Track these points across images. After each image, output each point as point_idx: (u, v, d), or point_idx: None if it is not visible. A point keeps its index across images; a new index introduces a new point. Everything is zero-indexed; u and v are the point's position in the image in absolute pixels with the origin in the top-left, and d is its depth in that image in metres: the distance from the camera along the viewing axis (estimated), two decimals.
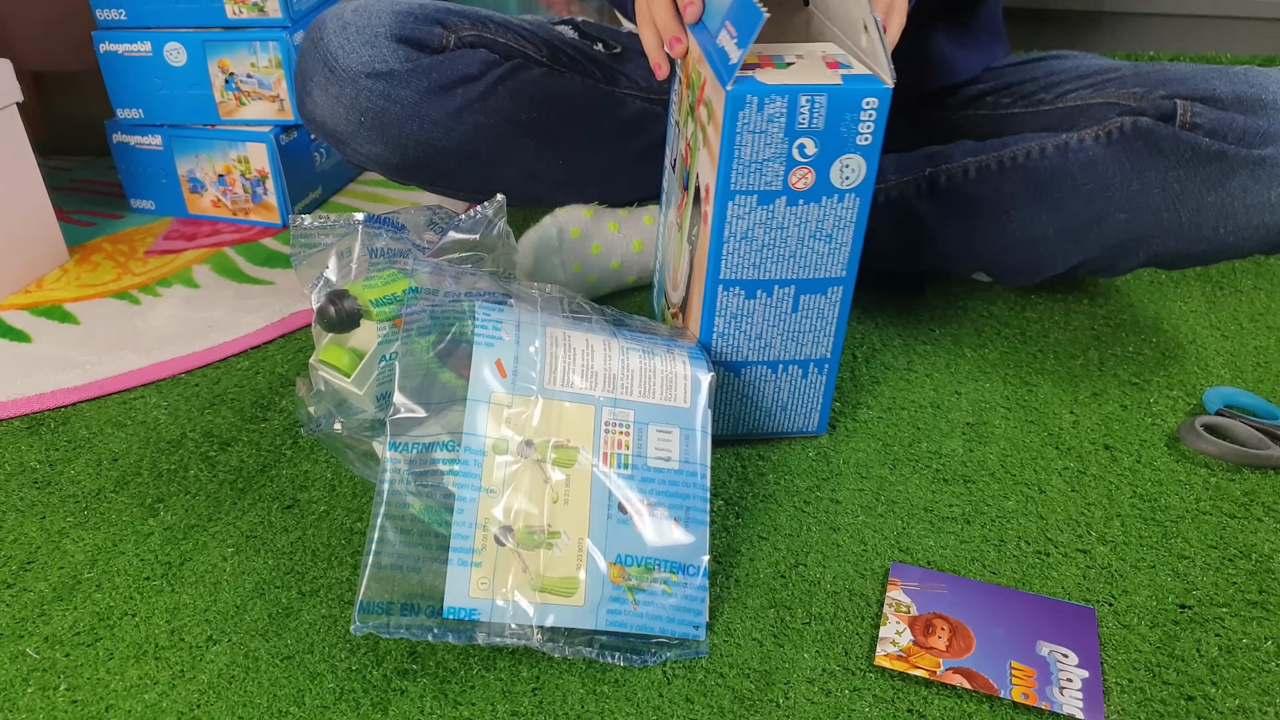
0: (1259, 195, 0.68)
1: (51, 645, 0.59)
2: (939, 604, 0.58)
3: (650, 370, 0.60)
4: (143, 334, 0.91)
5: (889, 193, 0.85)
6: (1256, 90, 0.69)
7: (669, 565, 0.55)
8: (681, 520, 0.56)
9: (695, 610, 0.56)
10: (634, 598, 0.54)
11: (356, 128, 0.82)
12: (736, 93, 0.57)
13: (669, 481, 0.57)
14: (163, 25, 1.06)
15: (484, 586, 0.53)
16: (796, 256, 0.64)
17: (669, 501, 0.56)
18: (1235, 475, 0.68)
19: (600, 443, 0.57)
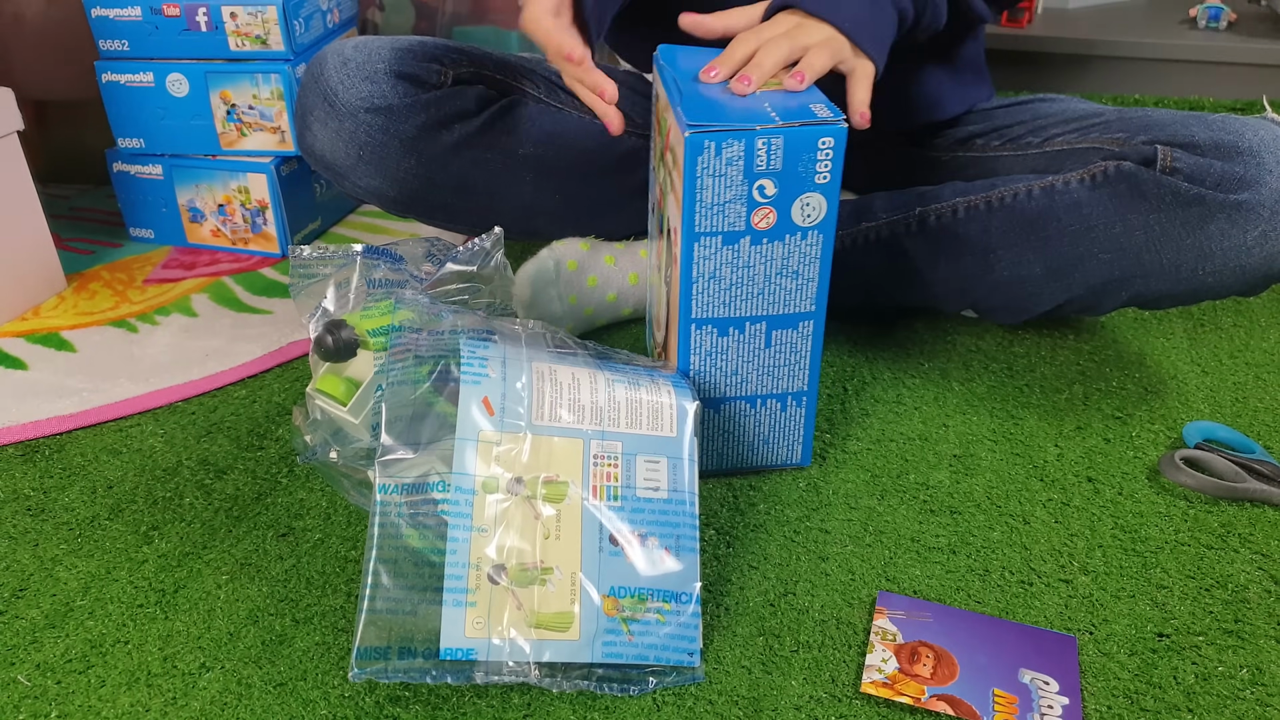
0: (1236, 238, 0.70)
1: (43, 672, 0.59)
2: (925, 632, 0.59)
3: (636, 401, 0.60)
4: (140, 362, 0.92)
5: (879, 230, 0.87)
6: (1233, 138, 0.71)
7: (661, 594, 0.56)
8: (672, 549, 0.57)
9: (689, 638, 0.56)
10: (628, 628, 0.55)
11: (355, 161, 0.84)
12: (694, 139, 0.59)
13: (658, 511, 0.58)
14: (165, 56, 1.08)
15: (479, 626, 0.54)
16: (765, 294, 0.66)
17: (659, 531, 0.57)
18: (1213, 507, 0.70)
19: (589, 476, 0.57)
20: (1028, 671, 0.56)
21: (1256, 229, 0.70)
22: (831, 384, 0.85)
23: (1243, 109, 1.33)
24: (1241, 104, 1.34)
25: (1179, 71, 1.38)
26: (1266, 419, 0.79)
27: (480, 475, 0.56)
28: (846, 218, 0.90)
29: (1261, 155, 0.70)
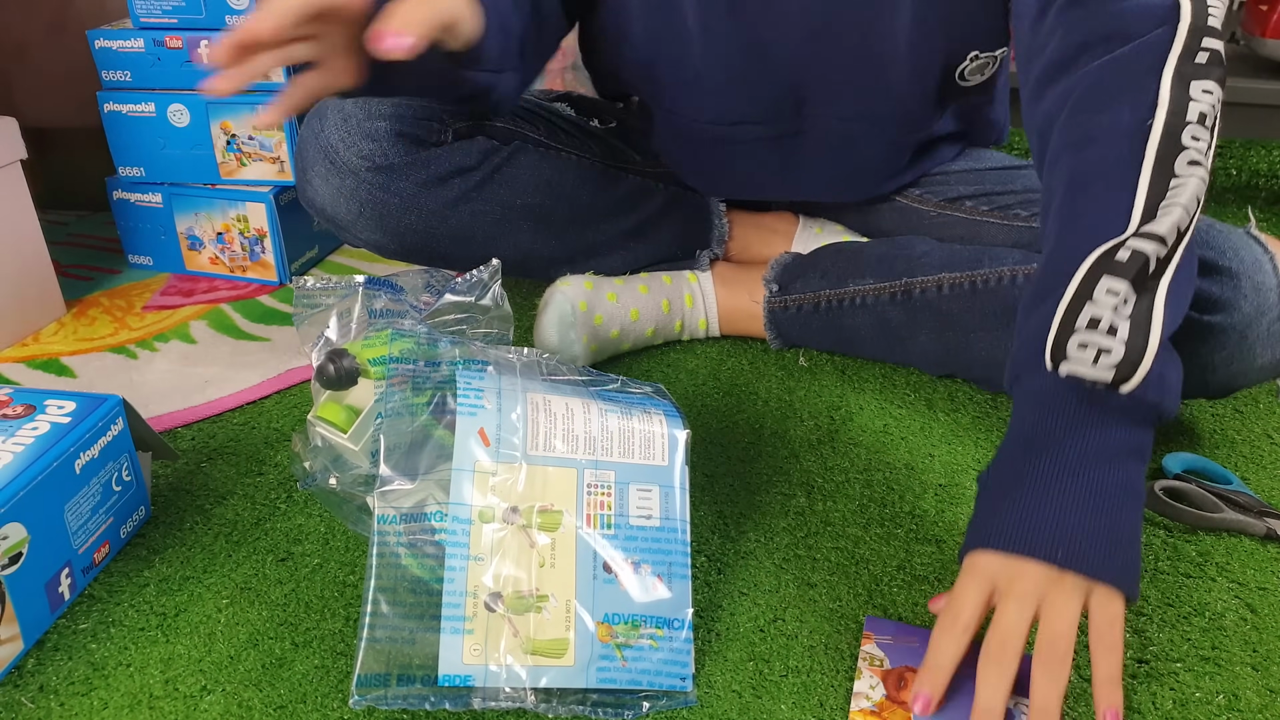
0: (1204, 358, 0.72)
1: (46, 695, 0.60)
2: (911, 658, 0.60)
3: (629, 430, 0.62)
4: (139, 388, 0.93)
5: (865, 296, 0.89)
6: (1215, 256, 0.71)
7: (654, 620, 0.57)
8: (665, 576, 0.58)
9: (682, 663, 0.58)
10: (622, 654, 0.56)
11: (356, 217, 0.86)
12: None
13: (651, 539, 0.59)
14: (167, 87, 1.10)
15: (477, 653, 0.55)
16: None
17: (652, 559, 0.58)
18: (1191, 537, 0.72)
19: (583, 504, 0.59)
20: (1012, 696, 0.58)
21: (1224, 350, 0.71)
22: (818, 414, 0.87)
23: (1221, 148, 1.37)
24: (1220, 142, 1.37)
25: None
26: (1244, 450, 0.81)
27: (477, 505, 0.57)
28: (834, 276, 0.92)
29: (1239, 279, 0.71)
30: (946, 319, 0.85)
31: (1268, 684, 0.59)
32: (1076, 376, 0.54)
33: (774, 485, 0.78)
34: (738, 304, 0.97)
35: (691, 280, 0.98)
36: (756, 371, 0.94)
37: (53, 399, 0.70)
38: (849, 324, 0.91)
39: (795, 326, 0.94)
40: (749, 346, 0.98)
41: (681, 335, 0.99)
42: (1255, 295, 0.71)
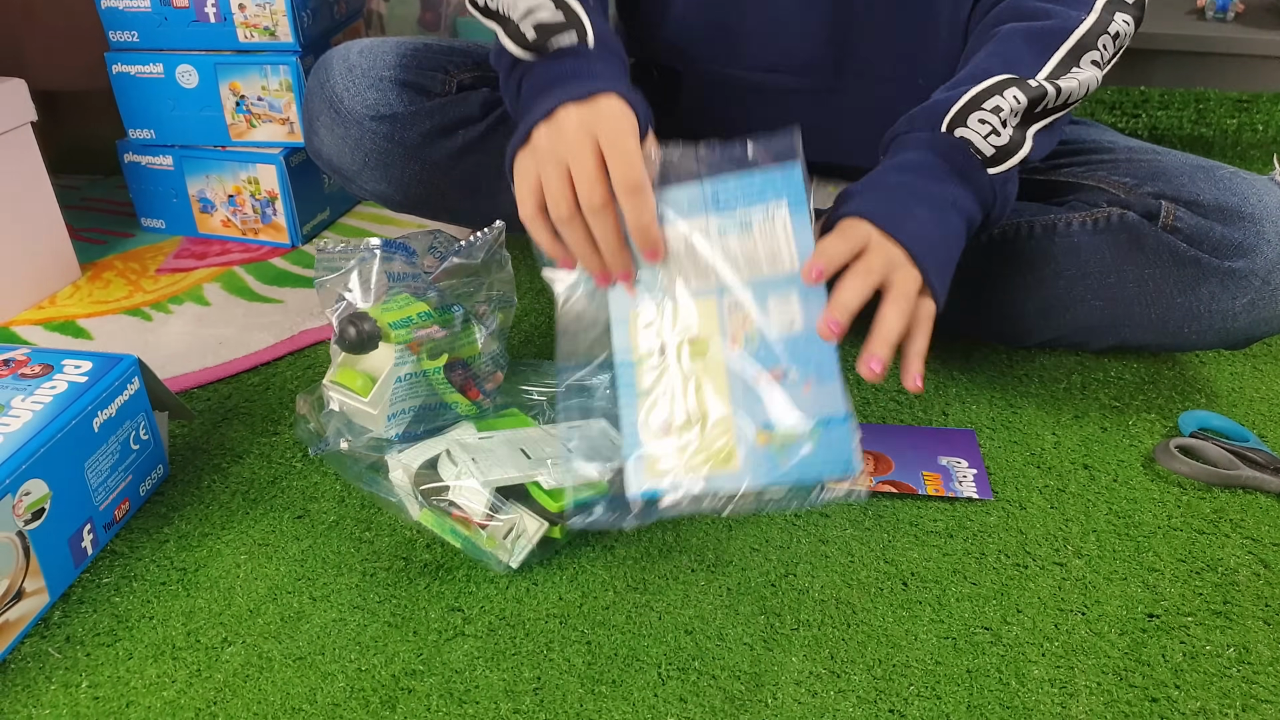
0: (1225, 303, 0.72)
1: (73, 645, 0.61)
2: (864, 445, 0.72)
3: (752, 247, 0.61)
4: (155, 350, 0.94)
5: None
6: (1238, 201, 0.72)
7: (805, 418, 0.58)
8: (814, 380, 0.59)
9: (843, 453, 0.58)
10: (783, 456, 0.57)
11: (361, 167, 0.86)
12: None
13: (795, 346, 0.59)
14: (175, 48, 1.10)
15: (657, 472, 0.60)
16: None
17: (799, 365, 0.59)
18: (1206, 494, 0.71)
19: (726, 328, 0.61)
20: (944, 457, 0.74)
21: (1246, 297, 0.72)
22: None
23: (1247, 102, 1.34)
24: (1246, 96, 1.35)
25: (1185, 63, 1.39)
26: (1262, 409, 0.81)
27: (634, 350, 0.63)
28: None
29: (1262, 224, 0.71)
30: (961, 271, 0.84)
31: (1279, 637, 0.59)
32: (966, 140, 0.67)
33: None
34: None
35: None
36: None
37: (70, 359, 0.71)
38: None
39: None
40: None
41: None
42: (1278, 241, 0.71)
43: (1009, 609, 0.62)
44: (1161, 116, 1.36)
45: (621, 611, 0.63)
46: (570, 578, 0.65)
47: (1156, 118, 1.36)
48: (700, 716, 0.55)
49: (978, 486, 0.72)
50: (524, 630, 0.61)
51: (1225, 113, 1.34)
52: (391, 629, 0.62)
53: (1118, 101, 1.38)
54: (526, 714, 0.56)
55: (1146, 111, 1.37)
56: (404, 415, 0.71)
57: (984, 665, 0.58)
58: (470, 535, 0.65)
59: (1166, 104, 1.37)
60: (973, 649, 0.59)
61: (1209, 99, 1.36)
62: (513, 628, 0.62)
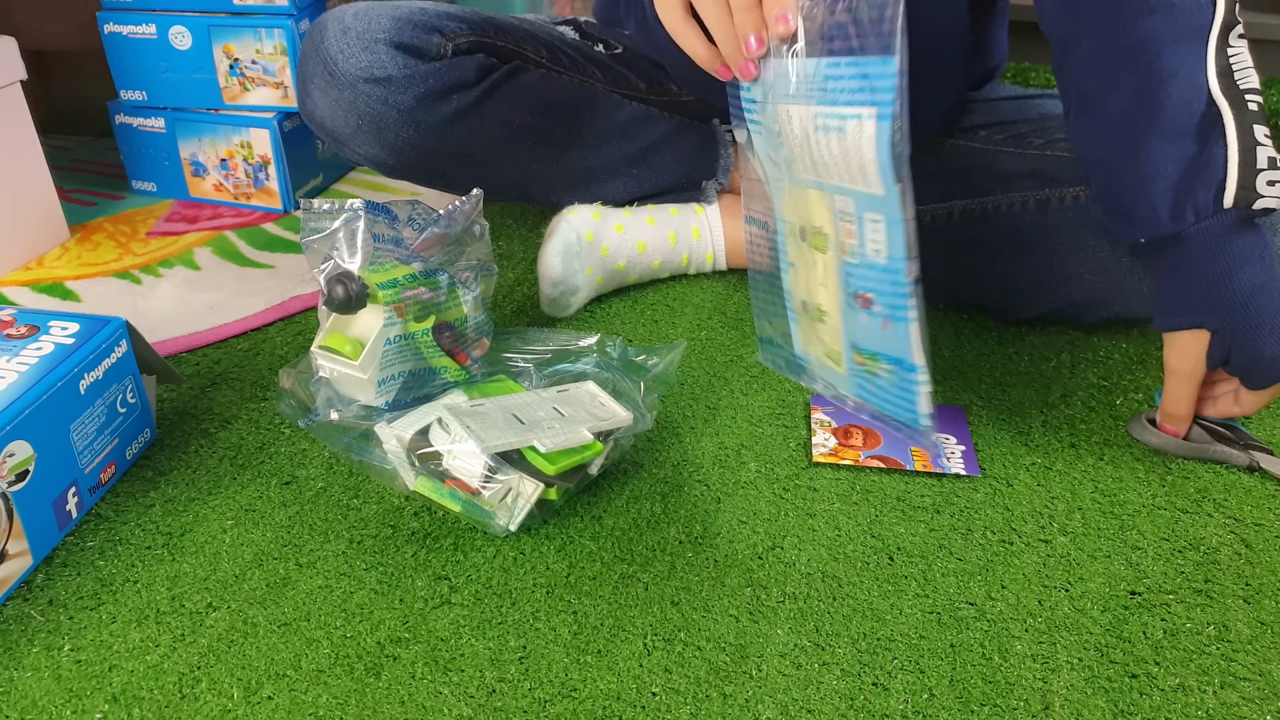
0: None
1: (55, 608, 0.61)
2: (851, 419, 0.76)
3: (847, 154, 0.57)
4: (144, 313, 0.93)
5: None
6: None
7: (886, 357, 0.58)
8: (890, 319, 0.58)
9: (910, 401, 0.57)
10: (871, 378, 0.58)
11: (355, 130, 0.85)
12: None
13: (881, 276, 0.58)
14: (168, 8, 1.08)
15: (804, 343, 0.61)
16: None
17: (881, 298, 0.58)
18: (1189, 474, 0.72)
19: (837, 232, 0.60)
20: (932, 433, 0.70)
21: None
22: None
23: None
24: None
25: None
26: None
27: (787, 220, 0.63)
28: None
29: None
30: (957, 247, 0.84)
31: (1259, 616, 0.60)
32: (1268, 209, 0.62)
33: (776, 418, 0.78)
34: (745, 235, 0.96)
35: (699, 213, 0.97)
36: None
37: (57, 320, 0.70)
38: None
39: None
40: None
41: (688, 268, 0.98)
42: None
43: (993, 585, 0.62)
44: None
45: (608, 582, 0.63)
46: (558, 548, 0.66)
47: None
48: (685, 687, 0.56)
49: (965, 463, 0.72)
50: (510, 599, 0.62)
51: None
52: (377, 596, 0.62)
53: None
54: (512, 683, 0.56)
55: None
56: (393, 381, 0.71)
57: (967, 640, 0.58)
58: (471, 498, 0.65)
59: None
60: (957, 624, 0.59)
61: None
62: (499, 597, 0.62)
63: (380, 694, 0.56)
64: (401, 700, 0.55)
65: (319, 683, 0.56)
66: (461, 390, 0.73)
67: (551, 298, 0.88)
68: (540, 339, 0.82)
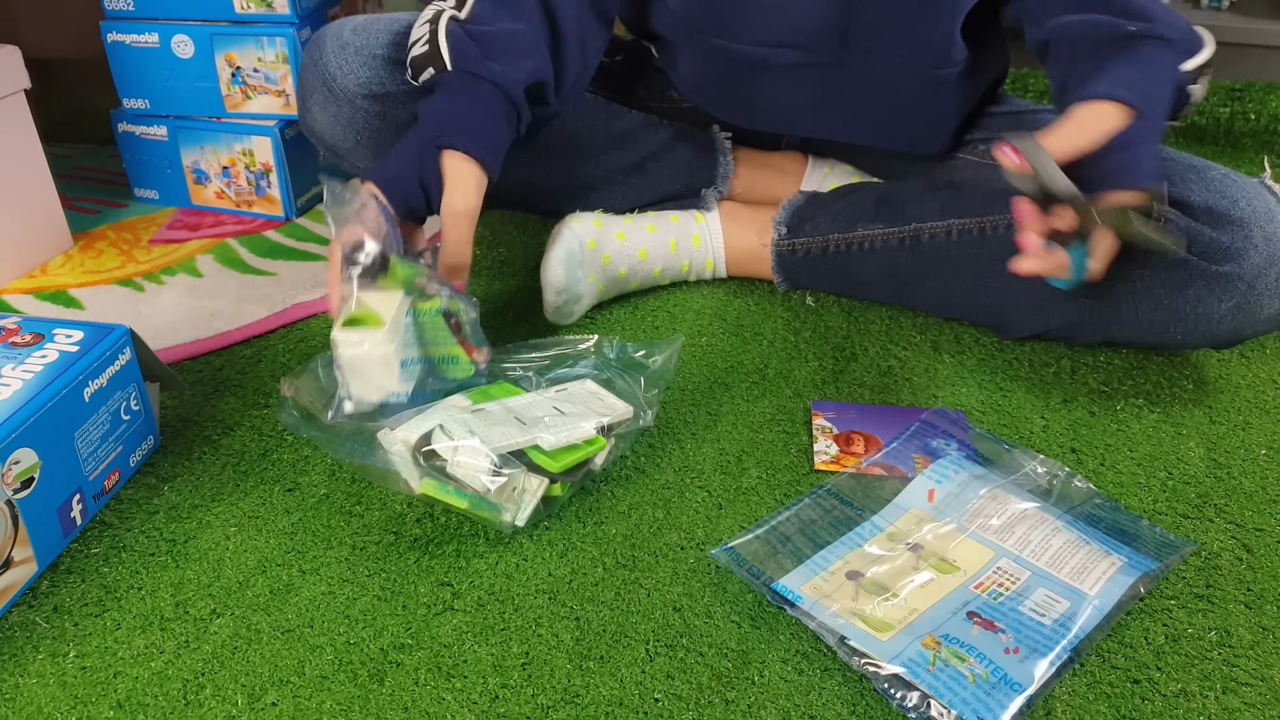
0: (1211, 306, 0.73)
1: (60, 615, 0.62)
2: (853, 425, 0.77)
3: (1071, 554, 0.62)
4: (147, 320, 0.93)
5: (873, 242, 0.89)
6: (1227, 204, 0.73)
7: (988, 662, 0.56)
8: (1023, 648, 0.57)
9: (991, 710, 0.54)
10: (934, 665, 0.56)
11: (354, 144, 0.85)
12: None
13: (1031, 628, 0.58)
14: (171, 17, 1.09)
15: (815, 591, 0.61)
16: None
17: (1020, 637, 0.57)
18: (1190, 480, 0.72)
19: (984, 575, 0.62)
20: (933, 439, 0.74)
21: (1231, 300, 0.72)
22: (824, 354, 0.87)
23: (1240, 90, 1.34)
24: (1239, 84, 1.35)
25: None
26: (1248, 395, 0.81)
27: (893, 528, 0.66)
28: (843, 220, 0.91)
29: (1250, 228, 0.72)
30: (954, 265, 0.85)
31: (1260, 621, 0.60)
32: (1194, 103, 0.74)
33: (777, 424, 0.78)
34: (745, 245, 0.97)
35: (699, 220, 0.97)
36: (763, 312, 0.94)
37: (61, 328, 0.70)
38: (856, 269, 0.91)
39: (803, 269, 0.94)
40: (755, 287, 0.98)
41: (688, 275, 0.99)
42: (1266, 245, 0.71)
43: None
44: None
45: (610, 588, 0.63)
46: (560, 554, 0.66)
47: None
48: (687, 693, 0.56)
49: None
50: (513, 605, 0.62)
51: (1218, 101, 1.34)
52: (380, 602, 0.62)
53: None
54: (514, 689, 0.56)
55: None
56: (413, 366, 0.70)
57: None
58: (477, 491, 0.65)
59: None
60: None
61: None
62: (502, 603, 0.62)
63: (383, 700, 0.56)
64: (405, 707, 0.55)
65: (322, 689, 0.56)
66: (463, 395, 0.73)
67: (555, 305, 0.89)
68: (537, 346, 0.82)
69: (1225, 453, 0.75)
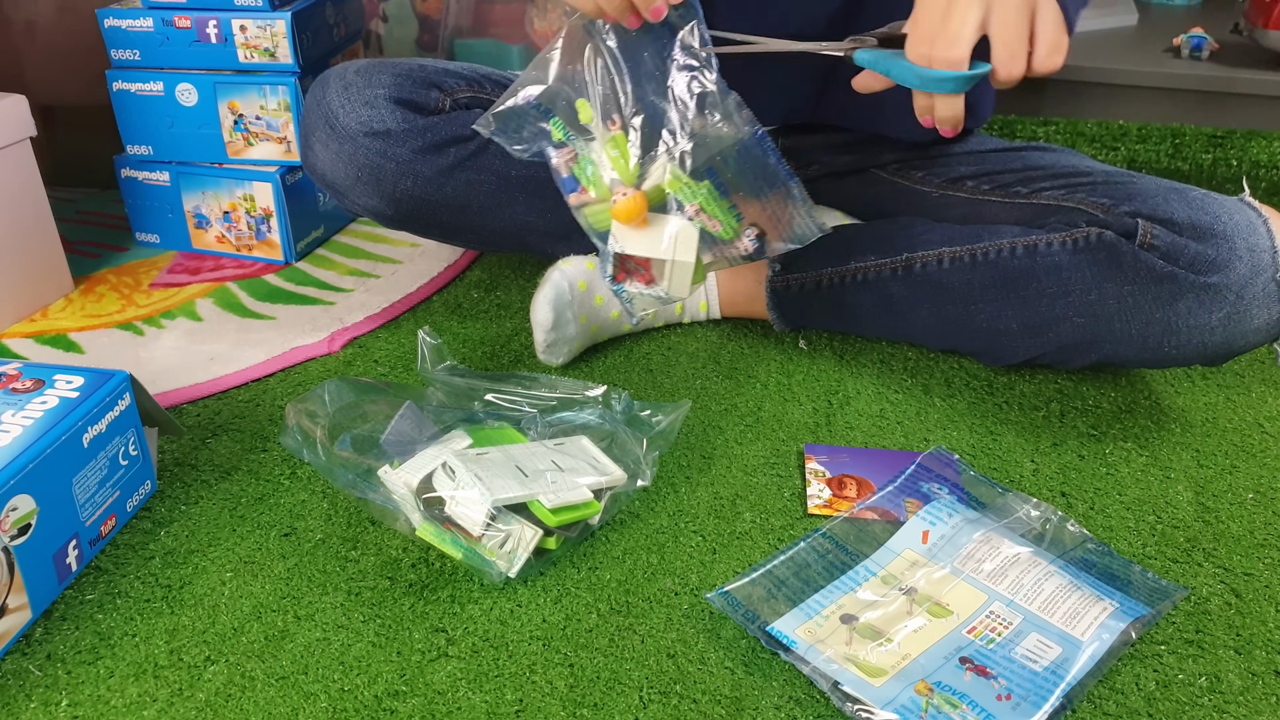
0: (1202, 318, 0.74)
1: (53, 663, 0.62)
2: (845, 469, 0.78)
3: (1063, 597, 0.63)
4: (146, 364, 0.94)
5: (867, 273, 0.90)
6: (1210, 220, 0.75)
7: (980, 709, 0.56)
8: (1015, 695, 0.57)
9: None
10: (927, 711, 0.56)
11: (354, 181, 0.87)
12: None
13: (1023, 675, 0.58)
14: (176, 67, 1.11)
15: (810, 635, 0.61)
16: None
17: (1012, 684, 0.58)
18: (1179, 524, 0.73)
19: (976, 619, 0.62)
20: (925, 483, 0.75)
21: (1221, 311, 0.74)
22: (817, 398, 0.88)
23: (1221, 137, 1.36)
24: (1220, 131, 1.37)
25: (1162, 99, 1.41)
26: (1234, 439, 0.82)
27: (887, 571, 0.66)
28: (836, 253, 0.92)
29: (1234, 240, 0.74)
30: (947, 292, 0.86)
31: (1250, 667, 0.60)
32: None
33: (771, 467, 0.79)
34: (739, 285, 0.98)
35: None
36: (756, 355, 0.95)
37: (61, 374, 0.71)
38: (851, 301, 0.92)
39: (798, 306, 0.95)
40: (749, 330, 0.99)
41: (682, 318, 1.00)
42: (1250, 256, 0.73)
43: None
44: (1140, 149, 1.38)
45: (604, 634, 0.63)
46: (554, 600, 0.66)
47: (1135, 150, 1.38)
48: None
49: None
50: (507, 652, 0.62)
51: (1200, 147, 1.36)
52: (375, 649, 0.62)
53: (1097, 134, 1.40)
54: None
55: (1125, 144, 1.39)
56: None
57: None
58: (471, 545, 0.66)
59: (1144, 138, 1.40)
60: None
61: (1184, 134, 1.39)
62: (496, 649, 0.62)
63: None
64: None
65: None
66: (465, 433, 0.74)
67: (545, 344, 0.90)
68: (547, 385, 0.83)
69: (1213, 496, 0.75)
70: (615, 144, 0.71)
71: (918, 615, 0.62)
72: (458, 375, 0.84)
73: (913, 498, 0.74)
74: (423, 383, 0.85)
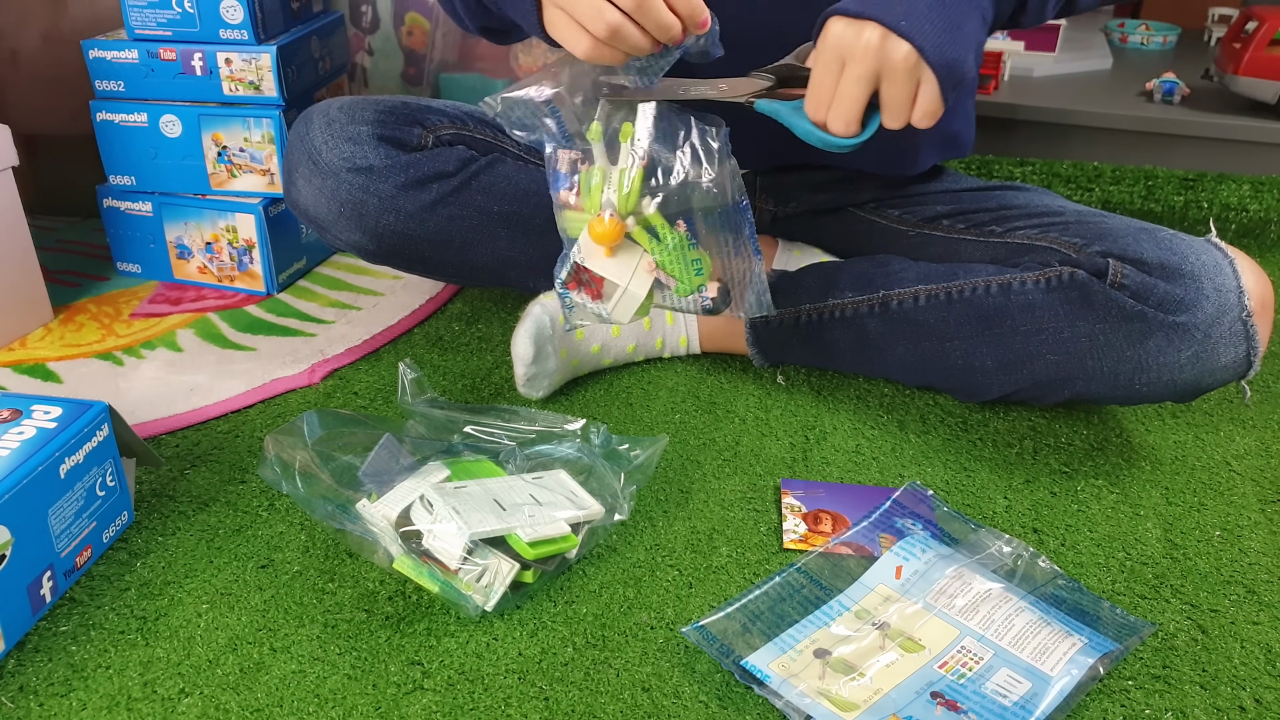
0: (1171, 356, 0.76)
1: (26, 695, 0.61)
2: (821, 503, 0.79)
3: (1033, 633, 0.64)
4: (125, 395, 0.94)
5: (844, 310, 0.92)
6: (1178, 260, 0.77)
7: None
8: None
9: None
10: None
11: (337, 217, 0.88)
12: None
13: (994, 709, 0.59)
14: (160, 98, 1.12)
15: (783, 669, 0.62)
16: None
17: (982, 718, 0.59)
18: (1148, 560, 0.74)
19: (948, 654, 0.63)
20: (899, 519, 0.76)
21: (1189, 349, 0.76)
22: (794, 433, 0.89)
23: (1193, 180, 1.40)
24: (1192, 174, 1.41)
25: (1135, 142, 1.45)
26: (1203, 477, 0.84)
27: (861, 606, 0.67)
28: (815, 291, 0.94)
29: (1201, 280, 0.76)
30: (923, 329, 0.88)
31: (1215, 702, 0.61)
32: None
33: (748, 502, 0.80)
34: (719, 320, 0.99)
35: None
36: (735, 390, 0.96)
37: (39, 404, 0.71)
38: (829, 337, 0.93)
39: (776, 342, 0.97)
40: (728, 365, 1.00)
41: (663, 352, 1.01)
42: (1217, 296, 0.75)
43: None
44: (1113, 191, 1.42)
45: (580, 668, 0.64)
46: (530, 633, 0.66)
47: (1109, 192, 1.41)
48: None
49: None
50: (483, 685, 0.62)
51: (1172, 190, 1.40)
52: (351, 681, 0.62)
53: (1072, 175, 1.44)
54: None
55: (1099, 186, 1.42)
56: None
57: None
58: (448, 579, 0.66)
59: (1118, 179, 1.43)
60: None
61: (1157, 176, 1.42)
62: (471, 683, 0.62)
63: None
64: None
65: None
66: (443, 465, 0.75)
67: (525, 378, 0.91)
68: (526, 418, 0.84)
69: (1181, 534, 0.77)
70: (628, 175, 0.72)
71: (890, 650, 0.63)
72: (438, 407, 0.85)
73: (887, 533, 0.75)
74: (403, 415, 0.85)
